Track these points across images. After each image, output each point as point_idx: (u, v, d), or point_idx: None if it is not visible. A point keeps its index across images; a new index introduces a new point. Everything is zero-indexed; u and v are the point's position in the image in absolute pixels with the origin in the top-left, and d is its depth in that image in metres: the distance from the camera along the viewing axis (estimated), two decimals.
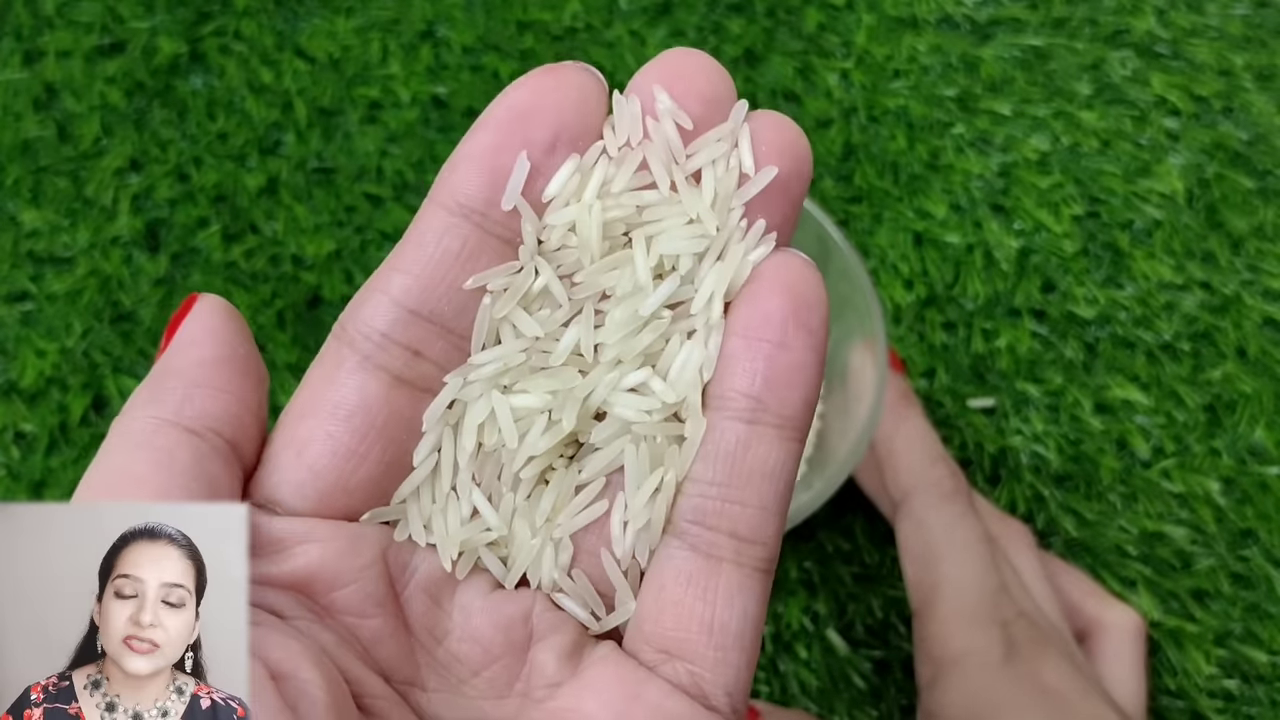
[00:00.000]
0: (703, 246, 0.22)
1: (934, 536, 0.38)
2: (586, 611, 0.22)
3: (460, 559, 0.22)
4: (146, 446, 0.20)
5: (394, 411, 0.21)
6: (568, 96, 0.21)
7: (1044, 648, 0.37)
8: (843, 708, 0.44)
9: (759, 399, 0.21)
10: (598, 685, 0.21)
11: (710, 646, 0.20)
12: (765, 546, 0.21)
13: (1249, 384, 0.51)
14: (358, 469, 0.21)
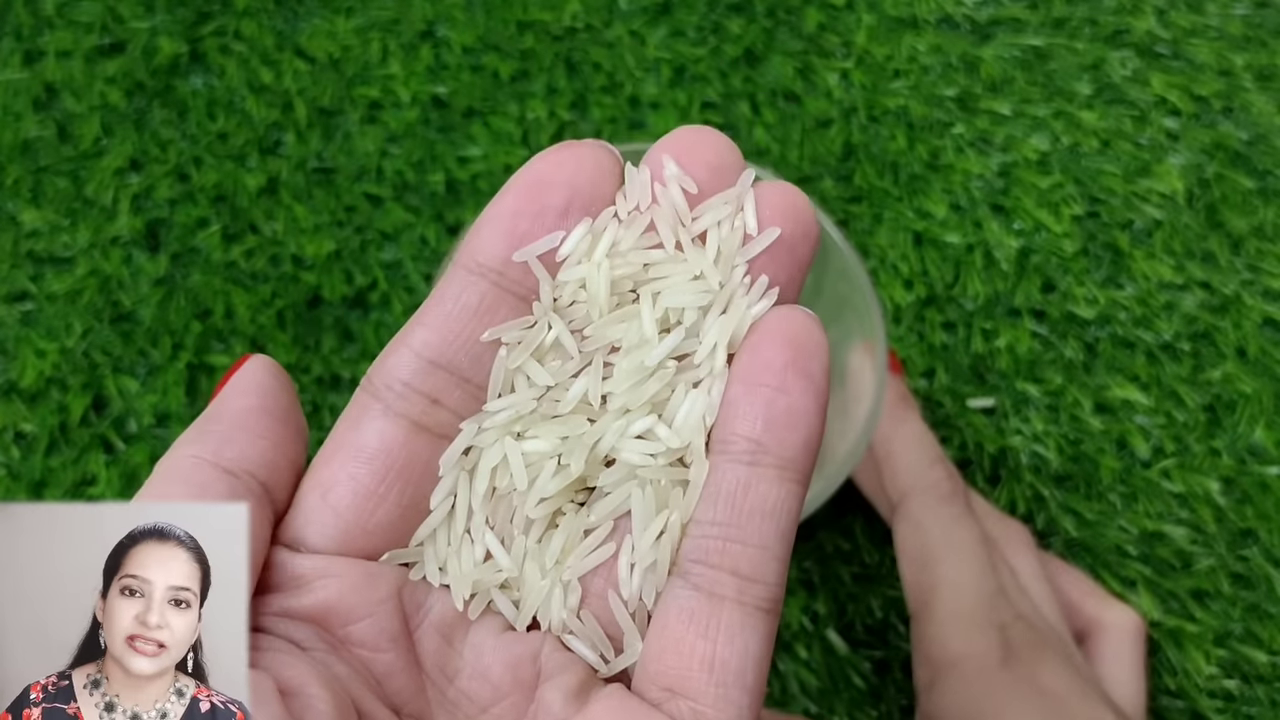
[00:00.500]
0: (706, 300, 0.23)
1: (932, 538, 0.38)
2: (595, 654, 0.23)
3: (473, 600, 0.23)
4: (184, 482, 0.21)
5: (413, 455, 0.22)
6: (583, 167, 0.23)
7: (1042, 650, 0.37)
8: (842, 708, 0.44)
9: (759, 442, 0.22)
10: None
11: (711, 684, 0.21)
12: (767, 586, 0.21)
13: (1249, 384, 0.51)
14: (377, 509, 0.22)
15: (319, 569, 0.22)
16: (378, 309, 0.52)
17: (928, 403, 0.50)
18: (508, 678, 0.22)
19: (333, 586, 0.22)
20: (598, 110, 0.58)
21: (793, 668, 0.45)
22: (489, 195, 0.55)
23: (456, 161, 0.57)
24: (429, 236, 0.54)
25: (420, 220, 0.55)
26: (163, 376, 0.50)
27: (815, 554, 0.47)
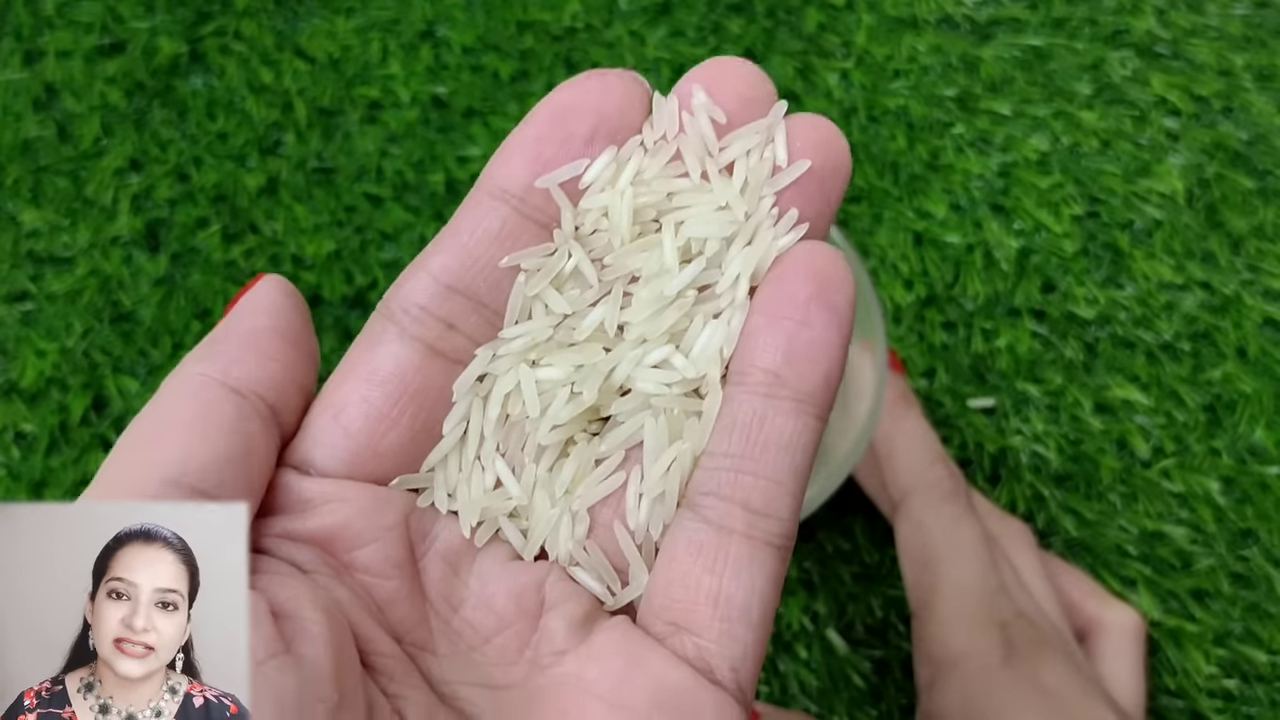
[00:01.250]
0: (731, 231, 0.22)
1: (933, 537, 0.38)
2: (601, 585, 0.22)
3: (480, 528, 0.23)
4: (191, 399, 0.21)
5: (427, 380, 0.22)
6: (610, 96, 0.23)
7: (1043, 648, 0.37)
8: (842, 707, 0.44)
9: (778, 374, 0.21)
10: (602, 654, 0.21)
11: (716, 619, 0.20)
12: (779, 521, 0.21)
13: (1249, 384, 0.51)
14: (389, 433, 0.22)
15: (326, 492, 0.22)
16: None
17: (928, 403, 0.50)
18: (512, 606, 0.22)
19: (339, 510, 0.21)
20: None
21: (793, 667, 0.45)
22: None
23: (456, 161, 0.57)
24: (429, 236, 0.54)
25: (420, 220, 0.55)
26: (163, 376, 0.50)
27: (815, 554, 0.47)
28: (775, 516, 0.21)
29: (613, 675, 0.20)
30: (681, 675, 0.20)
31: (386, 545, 0.21)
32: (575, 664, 0.21)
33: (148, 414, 0.21)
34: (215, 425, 0.20)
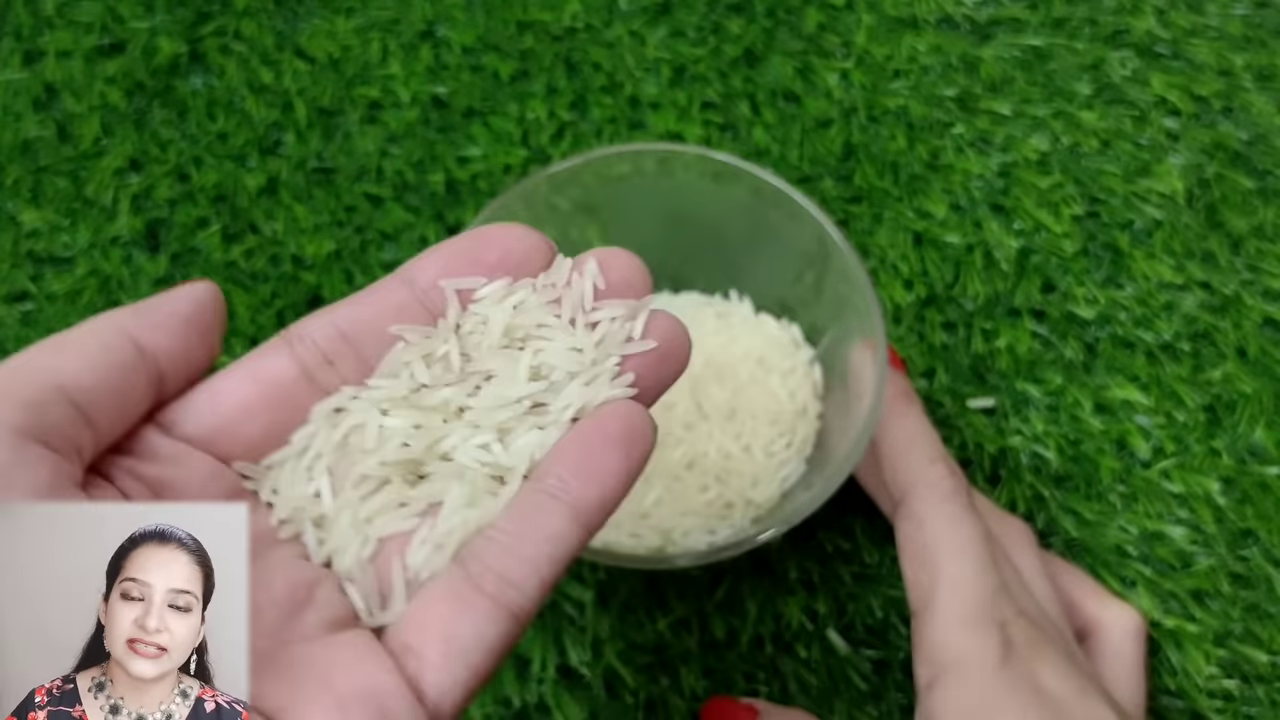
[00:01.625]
0: (576, 368, 0.27)
1: (933, 536, 0.38)
2: (364, 603, 0.25)
3: (286, 524, 0.26)
4: (100, 336, 0.24)
5: (294, 394, 0.27)
6: (522, 242, 0.28)
7: (1042, 648, 0.37)
8: (843, 707, 0.44)
9: (566, 484, 0.26)
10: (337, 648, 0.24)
11: (440, 653, 0.24)
12: (524, 595, 0.25)
13: (1249, 384, 0.51)
14: (248, 423, 0.26)
15: (177, 453, 0.25)
16: None
17: (928, 403, 0.51)
18: (284, 593, 0.25)
19: (181, 469, 0.25)
20: (597, 110, 0.58)
21: (793, 667, 0.45)
22: (489, 195, 0.55)
23: (456, 162, 0.57)
24: (429, 236, 0.55)
25: (420, 220, 0.55)
26: None
27: (815, 554, 0.47)
28: (522, 590, 0.25)
29: (336, 664, 0.24)
30: (393, 682, 0.23)
31: (213, 499, 0.25)
32: (310, 647, 0.24)
33: (66, 334, 0.24)
34: (109, 363, 0.24)
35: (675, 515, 0.43)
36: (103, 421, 0.23)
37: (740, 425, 0.45)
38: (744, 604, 0.46)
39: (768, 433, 0.45)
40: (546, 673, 0.44)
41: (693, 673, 0.44)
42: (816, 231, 0.43)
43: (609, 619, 0.45)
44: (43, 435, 0.22)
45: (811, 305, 0.46)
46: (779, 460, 0.45)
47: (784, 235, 0.45)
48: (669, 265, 0.50)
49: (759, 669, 0.45)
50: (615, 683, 0.44)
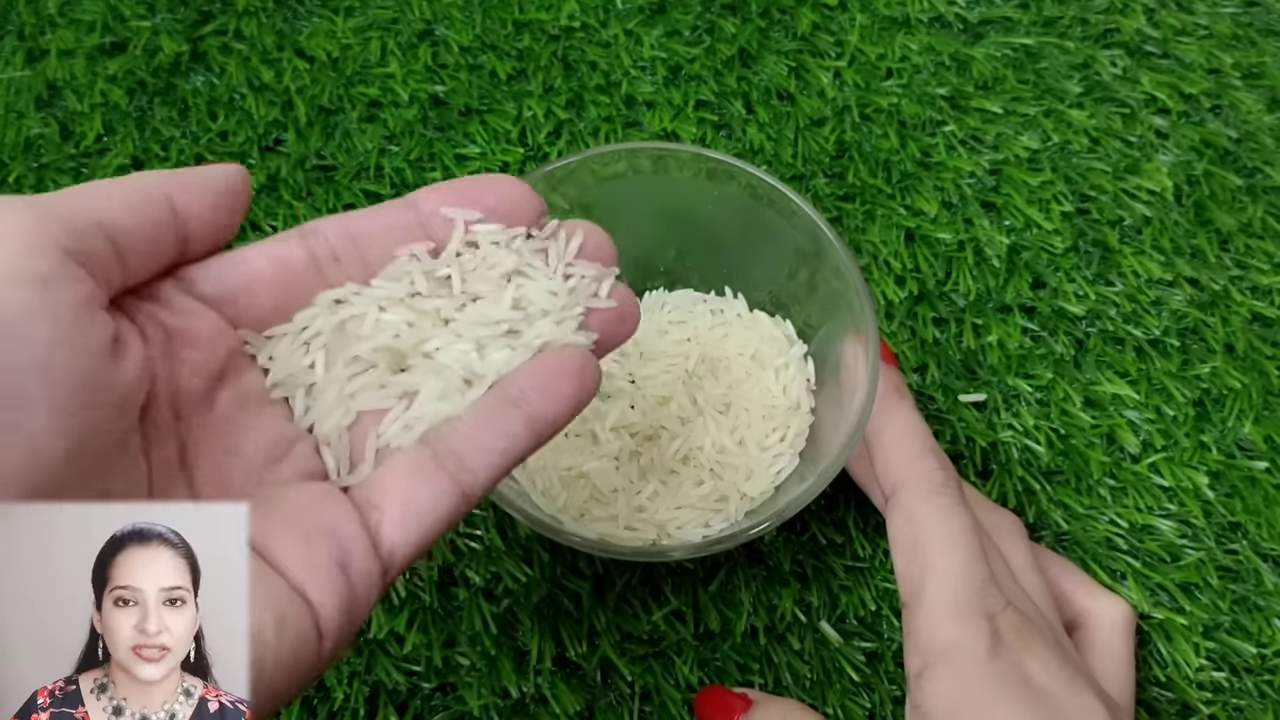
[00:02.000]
0: (551, 307, 0.31)
1: (923, 529, 0.39)
2: (334, 464, 0.29)
3: (278, 386, 0.29)
4: (144, 189, 0.26)
5: (301, 278, 0.30)
6: (517, 190, 0.32)
7: (1032, 639, 0.37)
8: (835, 698, 0.45)
9: (526, 394, 0.30)
10: (307, 492, 0.28)
11: (399, 512, 0.27)
12: (475, 478, 0.28)
13: (1237, 379, 0.52)
14: (258, 294, 0.29)
15: (189, 308, 0.28)
16: None
17: (920, 398, 0.51)
18: (266, 443, 0.28)
19: (191, 321, 0.27)
20: (594, 109, 0.59)
21: (786, 658, 0.45)
22: None
23: (455, 160, 0.57)
24: None
25: None
26: None
27: (808, 546, 0.47)
28: (475, 475, 0.28)
29: (304, 506, 0.27)
30: (354, 528, 0.27)
31: (210, 357, 0.27)
32: (283, 490, 0.27)
33: (113, 182, 0.26)
34: (146, 214, 0.26)
35: (670, 509, 0.44)
36: (132, 263, 0.26)
37: (734, 420, 0.46)
38: (738, 596, 0.46)
39: (762, 427, 0.46)
40: (544, 664, 0.45)
41: (687, 663, 0.45)
42: (810, 229, 0.44)
43: (605, 611, 0.46)
44: (82, 258, 0.24)
45: (805, 301, 0.47)
46: (773, 454, 0.45)
47: (778, 232, 0.45)
48: (664, 262, 0.50)
49: (753, 660, 0.45)
50: (611, 673, 0.45)
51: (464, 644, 0.45)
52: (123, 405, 0.25)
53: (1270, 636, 0.46)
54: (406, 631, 0.45)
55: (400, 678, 0.44)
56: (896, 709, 0.44)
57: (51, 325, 0.23)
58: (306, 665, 0.25)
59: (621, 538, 0.43)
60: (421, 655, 0.45)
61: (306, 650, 0.25)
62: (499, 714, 0.44)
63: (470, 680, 0.44)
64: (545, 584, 0.46)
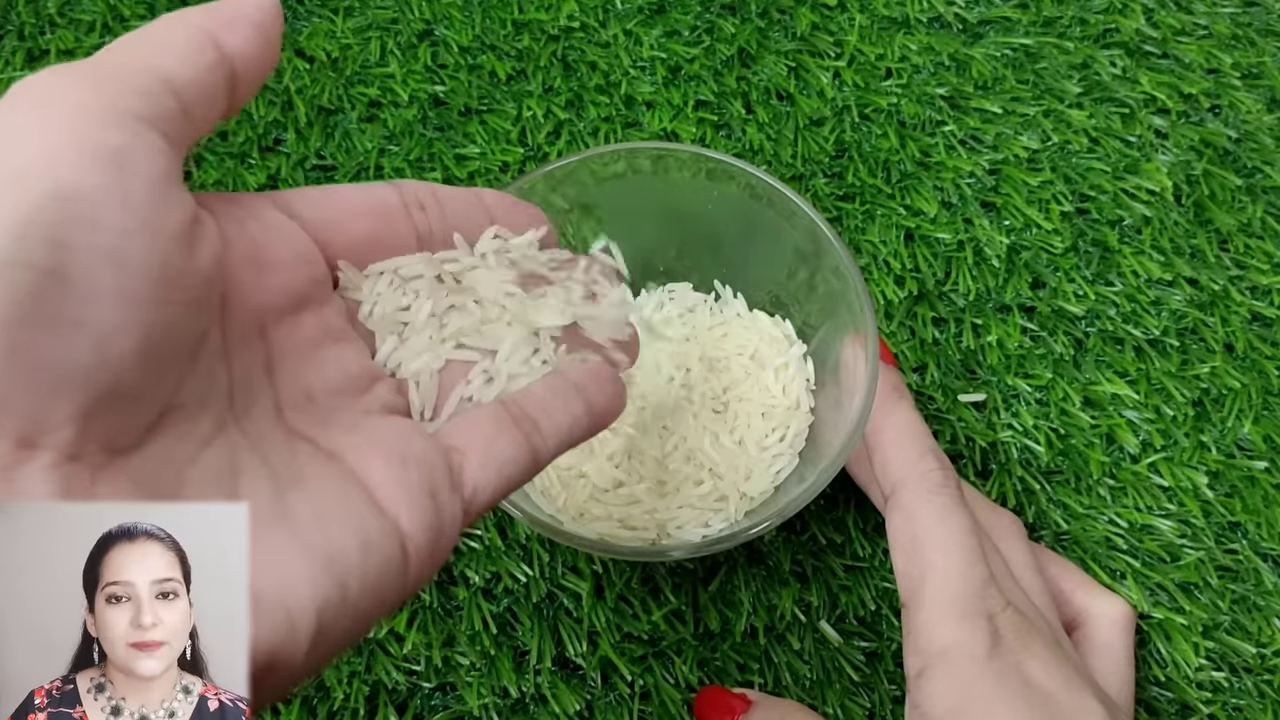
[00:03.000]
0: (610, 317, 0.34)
1: (923, 528, 0.39)
2: (419, 405, 0.29)
3: (371, 322, 0.29)
4: (171, 28, 0.24)
5: (395, 216, 0.29)
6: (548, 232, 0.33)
7: (1031, 639, 0.37)
8: (834, 698, 0.45)
9: (584, 385, 0.31)
10: (395, 424, 0.27)
11: (480, 458, 0.27)
12: (545, 444, 0.29)
13: (1236, 379, 0.52)
14: (353, 224, 0.28)
15: (278, 224, 0.27)
16: None
17: (919, 397, 0.51)
18: (355, 372, 0.28)
19: (277, 237, 0.26)
20: (593, 109, 0.59)
21: (785, 658, 0.45)
22: None
23: (454, 160, 0.57)
24: None
25: None
26: None
27: (808, 546, 0.47)
28: (545, 440, 0.29)
29: (395, 432, 0.26)
30: (441, 462, 0.26)
31: (296, 278, 0.27)
32: (370, 417, 0.27)
33: (153, 30, 0.24)
34: (200, 61, 0.24)
35: (670, 508, 0.44)
36: (196, 116, 0.24)
37: (734, 419, 0.46)
38: (738, 596, 0.46)
39: (761, 427, 0.46)
40: (544, 664, 0.45)
41: (687, 663, 0.45)
42: (809, 228, 0.44)
43: (605, 611, 0.46)
44: (158, 124, 0.22)
45: (804, 301, 0.47)
46: (772, 454, 0.45)
47: (777, 232, 0.45)
48: (664, 261, 0.50)
49: (752, 660, 0.45)
50: (611, 673, 0.45)
51: (464, 643, 0.45)
52: (200, 300, 0.23)
53: (1270, 636, 0.46)
54: (406, 631, 0.45)
55: (400, 677, 0.44)
56: (896, 709, 0.44)
57: (125, 207, 0.21)
58: (392, 591, 0.24)
59: (621, 538, 0.43)
60: (421, 655, 0.45)
61: (392, 574, 0.24)
62: (498, 713, 0.44)
63: (470, 680, 0.44)
64: (545, 584, 0.46)
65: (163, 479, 0.23)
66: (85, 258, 0.20)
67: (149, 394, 0.22)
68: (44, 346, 0.20)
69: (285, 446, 0.25)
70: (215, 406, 0.24)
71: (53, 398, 0.20)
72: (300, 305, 0.27)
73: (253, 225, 0.26)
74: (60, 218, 0.20)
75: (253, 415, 0.25)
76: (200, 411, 0.24)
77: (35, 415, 0.20)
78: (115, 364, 0.21)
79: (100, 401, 0.21)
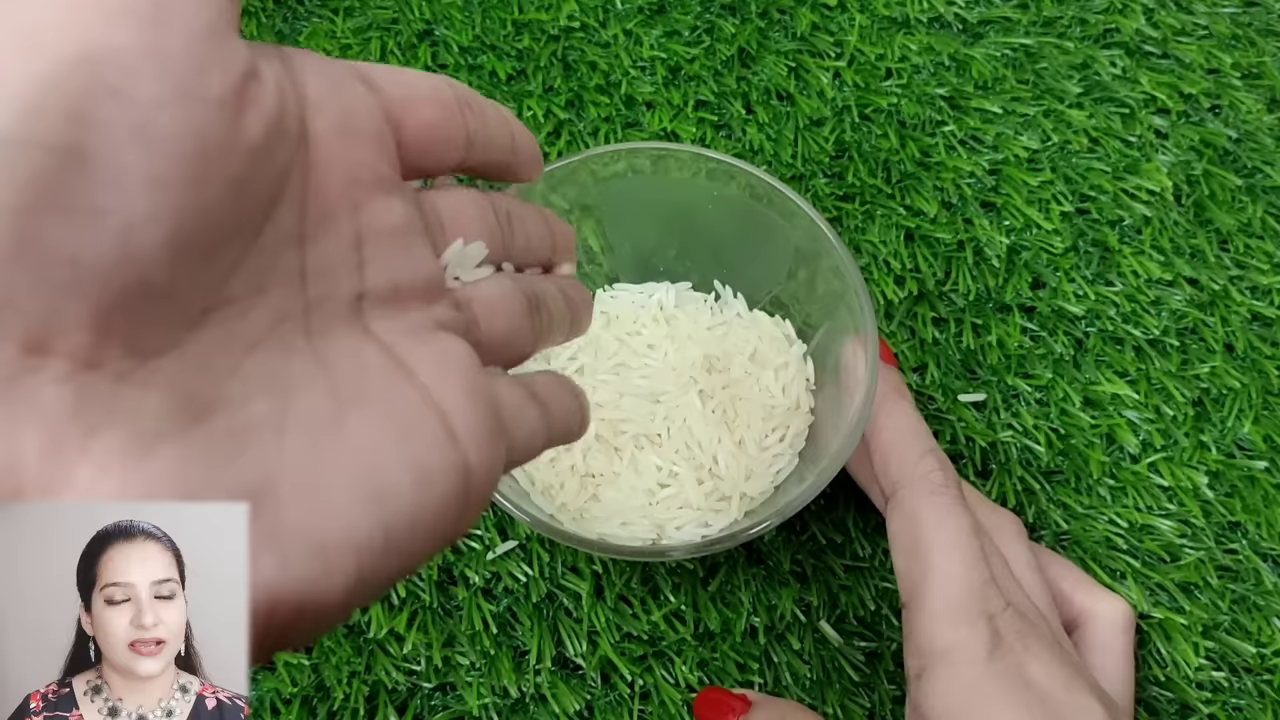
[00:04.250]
0: None
1: (923, 529, 0.39)
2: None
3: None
4: None
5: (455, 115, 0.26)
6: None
7: (1031, 640, 0.37)
8: (834, 698, 0.45)
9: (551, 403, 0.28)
10: (459, 343, 0.25)
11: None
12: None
13: (1236, 379, 0.52)
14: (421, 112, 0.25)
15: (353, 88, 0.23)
16: None
17: (920, 397, 0.51)
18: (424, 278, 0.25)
19: (357, 100, 0.23)
20: (594, 109, 0.59)
21: (785, 658, 0.45)
22: None
23: None
24: None
25: None
26: None
27: (808, 546, 0.47)
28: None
29: (467, 359, 0.24)
30: (492, 399, 0.24)
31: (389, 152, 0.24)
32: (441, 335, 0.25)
33: None
34: None
35: (670, 508, 0.44)
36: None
37: (734, 419, 0.46)
38: (737, 596, 0.46)
39: (761, 427, 0.46)
40: (543, 663, 0.45)
41: (687, 663, 0.45)
42: (809, 229, 0.44)
43: (604, 611, 0.46)
44: None
45: (804, 301, 0.47)
46: (772, 454, 0.45)
47: (777, 232, 0.45)
48: (664, 261, 0.50)
49: (752, 660, 0.45)
50: (610, 673, 0.45)
51: (464, 643, 0.45)
52: (246, 179, 0.19)
53: (1270, 636, 0.46)
54: (406, 631, 0.45)
55: (400, 677, 0.44)
56: (896, 709, 0.44)
57: (160, 72, 0.18)
58: (443, 532, 0.22)
59: (621, 538, 0.43)
60: (421, 655, 0.45)
61: (448, 514, 0.22)
62: (498, 713, 0.44)
63: (470, 680, 0.44)
64: (545, 584, 0.46)
65: (200, 389, 0.20)
66: (110, 134, 0.17)
67: (186, 289, 0.19)
68: (58, 238, 0.17)
69: (355, 352, 0.23)
70: (277, 297, 0.21)
71: (67, 297, 0.17)
72: (389, 186, 0.24)
73: (348, 88, 0.23)
74: (82, 86, 0.17)
75: (327, 308, 0.22)
76: (255, 305, 0.21)
77: (46, 317, 0.17)
78: (143, 256, 0.18)
79: (124, 300, 0.18)
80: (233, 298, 0.20)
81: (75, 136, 0.17)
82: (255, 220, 0.20)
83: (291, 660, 0.44)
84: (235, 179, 0.19)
